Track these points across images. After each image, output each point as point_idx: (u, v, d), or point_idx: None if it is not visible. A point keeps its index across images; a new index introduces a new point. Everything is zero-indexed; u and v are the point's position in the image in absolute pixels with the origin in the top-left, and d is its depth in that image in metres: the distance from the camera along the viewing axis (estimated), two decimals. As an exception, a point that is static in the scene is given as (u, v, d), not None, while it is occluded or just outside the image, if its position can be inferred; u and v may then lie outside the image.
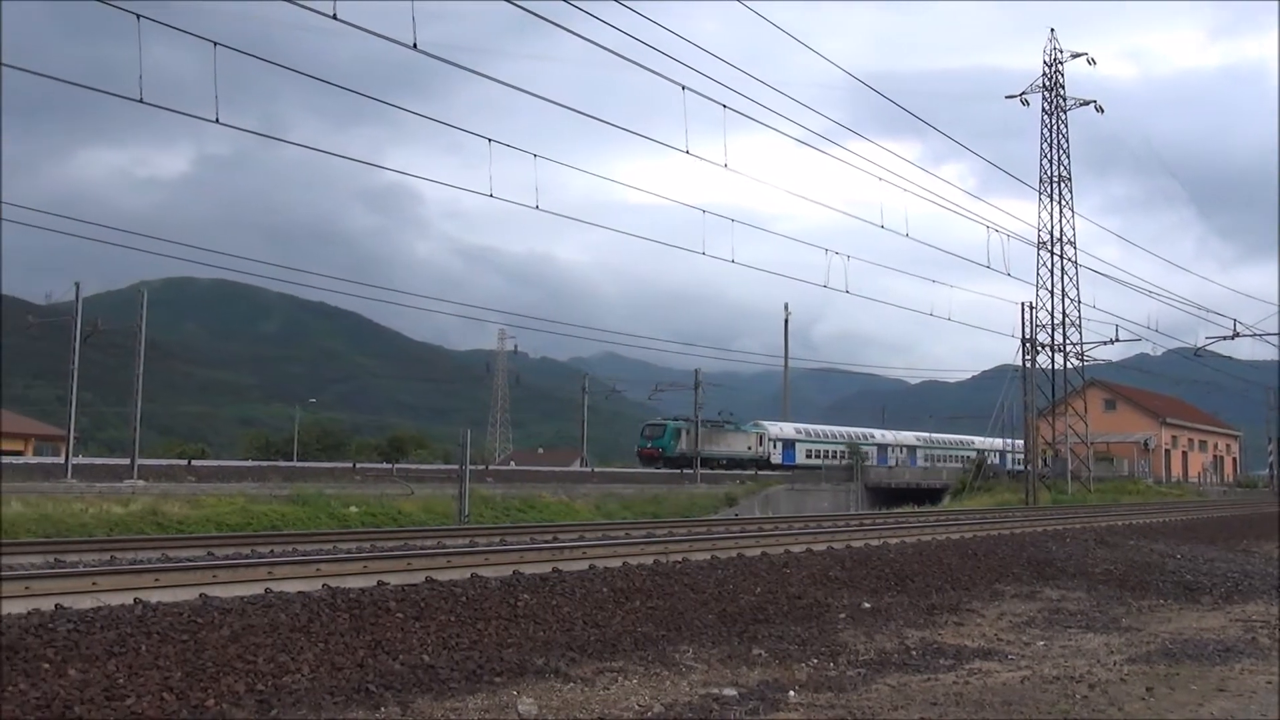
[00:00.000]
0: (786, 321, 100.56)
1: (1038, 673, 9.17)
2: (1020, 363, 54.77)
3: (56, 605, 8.92)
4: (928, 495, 63.07)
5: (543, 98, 20.63)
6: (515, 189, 22.79)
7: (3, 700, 6.72)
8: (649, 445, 68.83)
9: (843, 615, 12.30)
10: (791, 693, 8.11)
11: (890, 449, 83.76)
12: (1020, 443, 66.95)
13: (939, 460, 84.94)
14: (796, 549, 17.07)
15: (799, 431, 79.87)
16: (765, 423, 78.15)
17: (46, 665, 7.29)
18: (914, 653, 10.14)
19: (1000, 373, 65.41)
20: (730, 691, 8.08)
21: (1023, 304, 55.04)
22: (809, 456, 76.72)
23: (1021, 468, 59.52)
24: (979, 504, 49.90)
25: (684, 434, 67.58)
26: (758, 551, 16.34)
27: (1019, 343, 54.18)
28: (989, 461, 67.45)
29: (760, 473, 66.88)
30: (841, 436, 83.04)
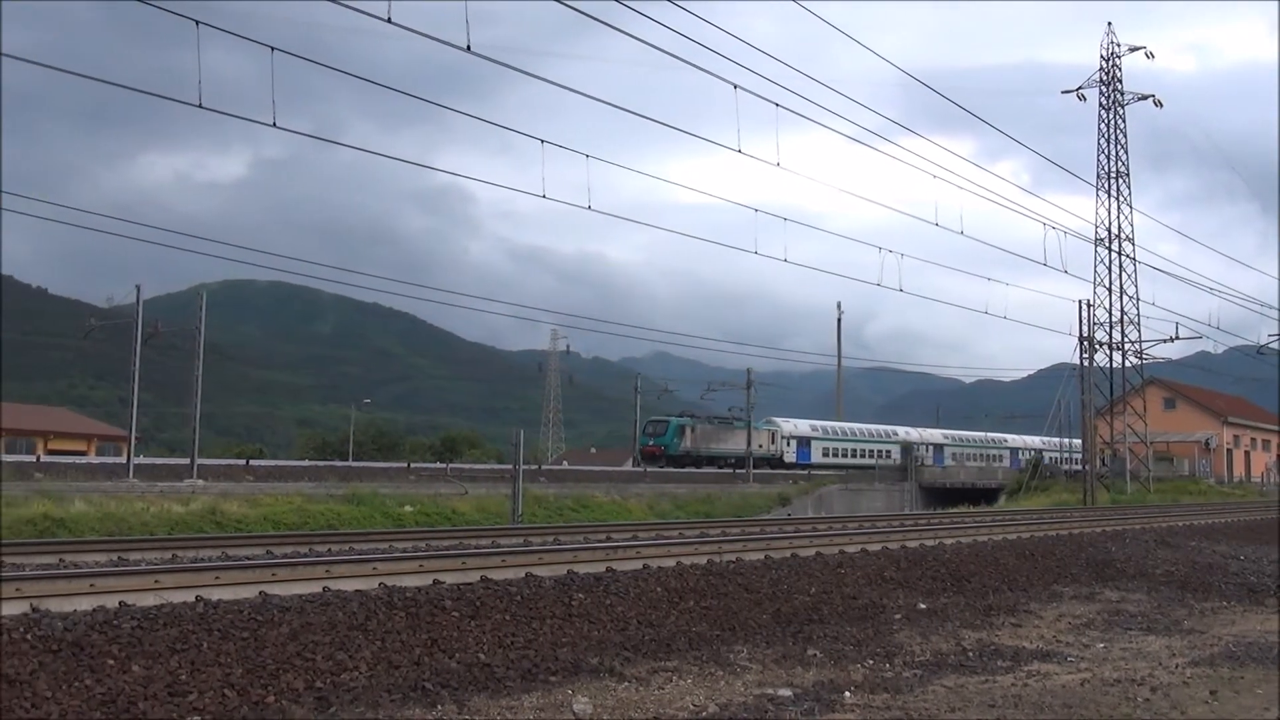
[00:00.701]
0: (839, 320, 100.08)
1: (1098, 675, 9.05)
2: (1078, 361, 54.08)
3: (121, 603, 9.08)
4: (983, 495, 62.44)
5: (594, 98, 20.69)
6: (567, 189, 22.87)
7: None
8: (650, 442, 65.38)
9: (898, 616, 12.22)
10: (847, 694, 8.07)
11: (915, 446, 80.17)
12: (1068, 441, 66.15)
13: (968, 459, 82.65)
14: (851, 549, 16.97)
15: (815, 429, 77.02)
16: (778, 419, 74.82)
17: (111, 661, 7.42)
18: (971, 654, 10.05)
19: (1057, 371, 64.57)
20: (785, 692, 8.05)
21: (1080, 301, 54.34)
22: (826, 455, 74.18)
23: (1078, 467, 58.81)
24: (1036, 504, 49.32)
25: (688, 431, 65.18)
26: (812, 551, 16.26)
27: (1076, 341, 53.51)
28: (1043, 461, 66.37)
29: (773, 472, 64.49)
30: (862, 434, 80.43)
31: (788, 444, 72.18)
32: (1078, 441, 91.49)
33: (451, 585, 10.92)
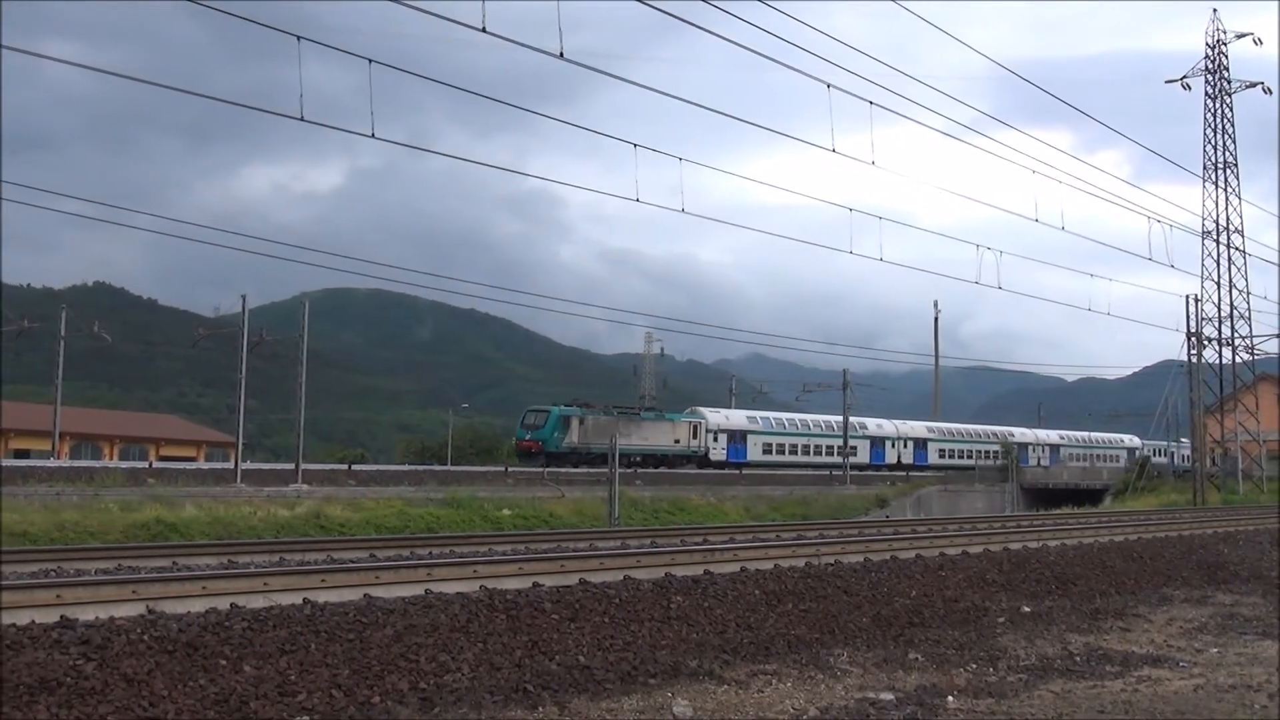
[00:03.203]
0: (936, 319, 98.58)
1: (1211, 681, 8.80)
2: (1186, 358, 52.61)
3: (232, 604, 9.34)
4: (1087, 496, 61.06)
5: (686, 100, 20.72)
6: (659, 192, 22.93)
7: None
8: (527, 436, 54.71)
9: (1001, 619, 12.01)
10: (950, 698, 7.96)
11: (891, 442, 70.81)
12: (1128, 439, 63.64)
13: (961, 456, 74.16)
14: (951, 551, 16.73)
15: (753, 421, 65.88)
16: (704, 410, 64.47)
17: (224, 662, 7.63)
18: (1078, 658, 9.84)
19: (1164, 368, 62.83)
20: (887, 696, 7.97)
21: (1187, 296, 52.88)
22: (768, 453, 63.82)
23: (1187, 466, 57.19)
24: (1143, 505, 48.08)
25: (575, 423, 54.60)
26: (911, 554, 16.07)
27: (1184, 337, 52.07)
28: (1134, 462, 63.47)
29: (699, 472, 54.76)
30: (818, 427, 68.76)
31: (715, 439, 61.79)
32: (1115, 436, 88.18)
33: (551, 588, 11.02)
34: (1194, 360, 52.36)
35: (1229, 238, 58.15)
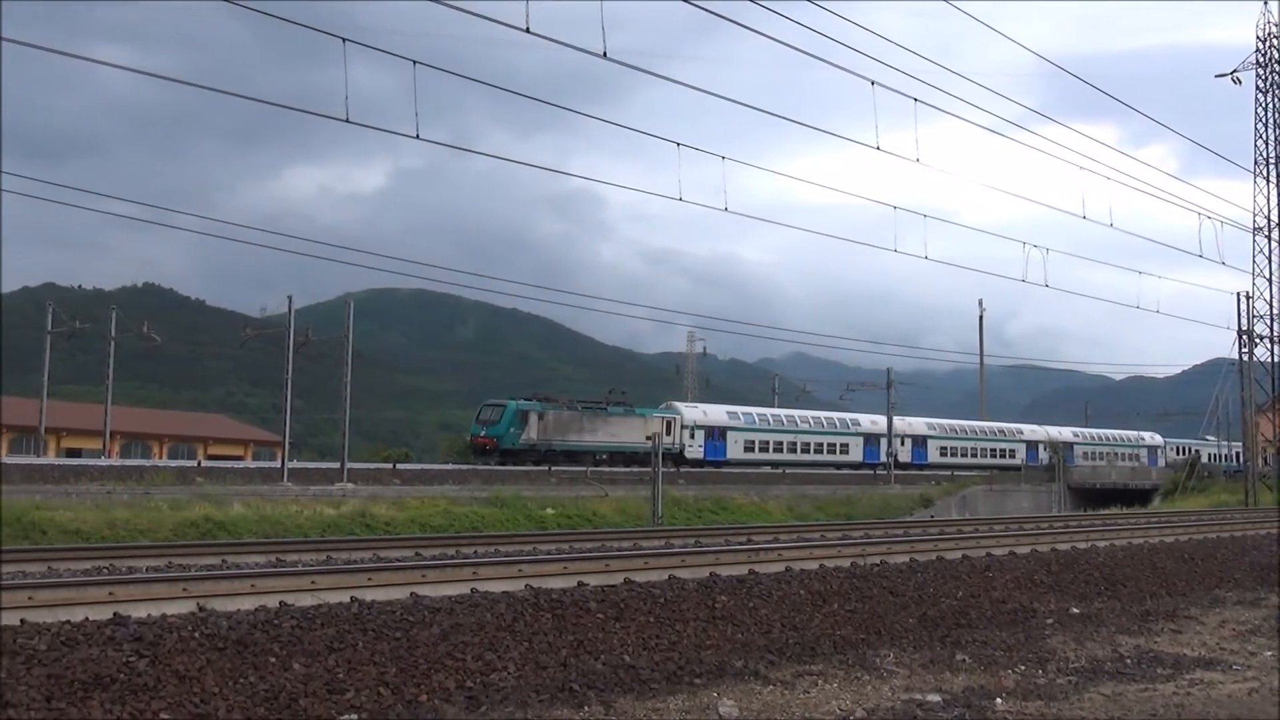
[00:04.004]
0: (981, 318, 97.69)
1: (1266, 684, 8.67)
2: (1236, 356, 51.85)
3: (281, 602, 9.42)
4: (1136, 496, 60.32)
5: (729, 99, 20.66)
6: (700, 190, 22.90)
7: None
8: (482, 432, 51.52)
9: (1050, 620, 11.90)
10: (998, 700, 7.89)
11: (880, 439, 66.24)
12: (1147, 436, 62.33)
13: (965, 454, 71.06)
14: (998, 552, 16.58)
15: (734, 416, 62.03)
16: (680, 405, 61.54)
17: (273, 659, 7.71)
18: (1128, 661, 9.72)
19: (1214, 367, 61.94)
20: (934, 697, 7.92)
21: (1238, 293, 52.11)
22: (750, 450, 60.29)
23: (1238, 466, 56.36)
24: (1193, 505, 47.44)
25: (534, 419, 51.35)
26: (957, 554, 15.94)
27: (1234, 334, 51.31)
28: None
29: (672, 471, 48.18)
30: (805, 424, 64.82)
31: (691, 435, 58.13)
32: (1133, 433, 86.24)
33: (596, 587, 11.03)
34: (1245, 358, 51.60)
35: (1281, 233, 57.22)
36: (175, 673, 7.20)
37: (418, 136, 17.12)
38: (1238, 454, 66.48)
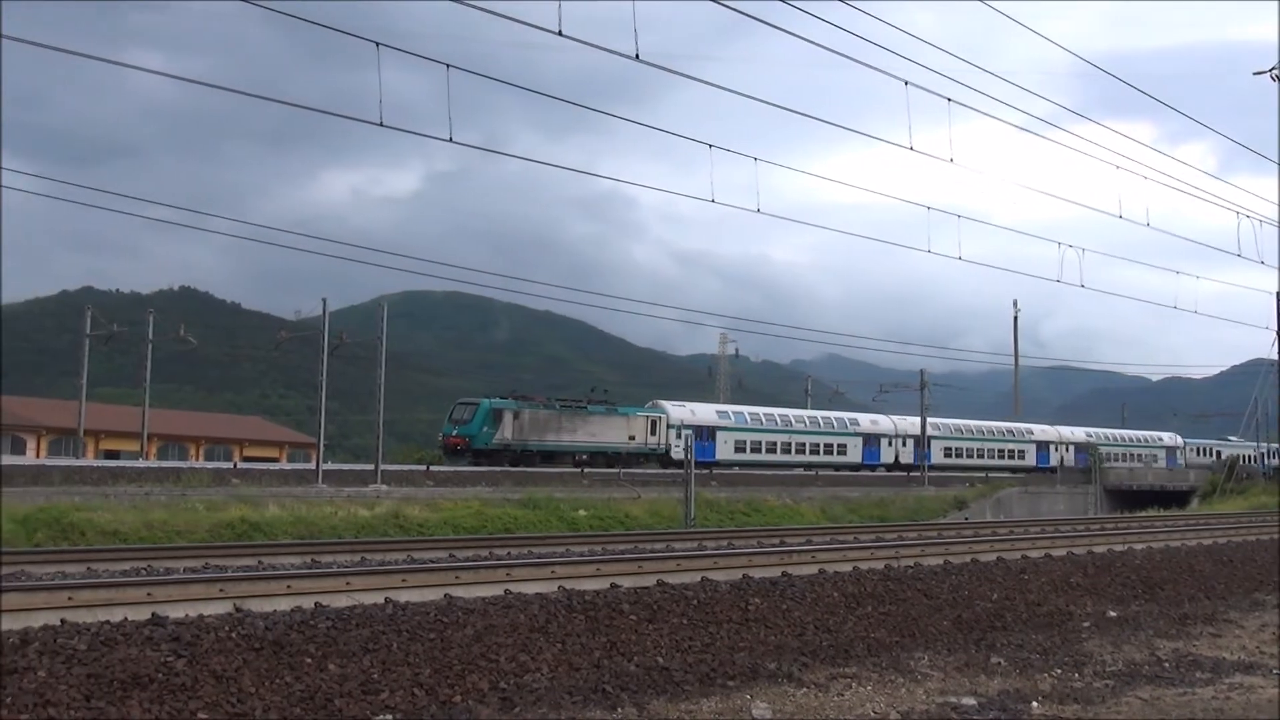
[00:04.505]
0: (1015, 318, 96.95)
1: (1307, 689, 8.56)
2: (1275, 356, 51.31)
3: (316, 603, 9.49)
4: (1173, 498, 59.78)
5: (760, 99, 20.60)
6: (732, 191, 22.84)
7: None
8: (454, 432, 49.96)
9: (1086, 624, 11.80)
10: (1035, 704, 7.84)
11: (888, 440, 65.35)
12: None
13: (972, 456, 69.16)
14: (1034, 554, 16.47)
15: (723, 416, 60.35)
16: (666, 403, 58.98)
17: (309, 660, 7.76)
18: (1166, 664, 9.63)
19: (1253, 367, 61.23)
20: (969, 701, 7.87)
21: (1278, 293, 51.51)
22: (741, 451, 58.46)
23: (1263, 466, 55.73)
24: (1232, 507, 46.92)
25: (509, 417, 49.54)
26: (993, 556, 15.84)
27: (1274, 335, 50.75)
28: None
29: (661, 473, 47.39)
30: (806, 423, 63.07)
31: (678, 435, 55.68)
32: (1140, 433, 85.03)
33: (628, 589, 11.04)
34: (1284, 359, 51.07)
35: (1321, 232, 56.52)
36: (212, 673, 7.27)
37: (450, 139, 17.18)
38: (1276, 452, 65.76)
